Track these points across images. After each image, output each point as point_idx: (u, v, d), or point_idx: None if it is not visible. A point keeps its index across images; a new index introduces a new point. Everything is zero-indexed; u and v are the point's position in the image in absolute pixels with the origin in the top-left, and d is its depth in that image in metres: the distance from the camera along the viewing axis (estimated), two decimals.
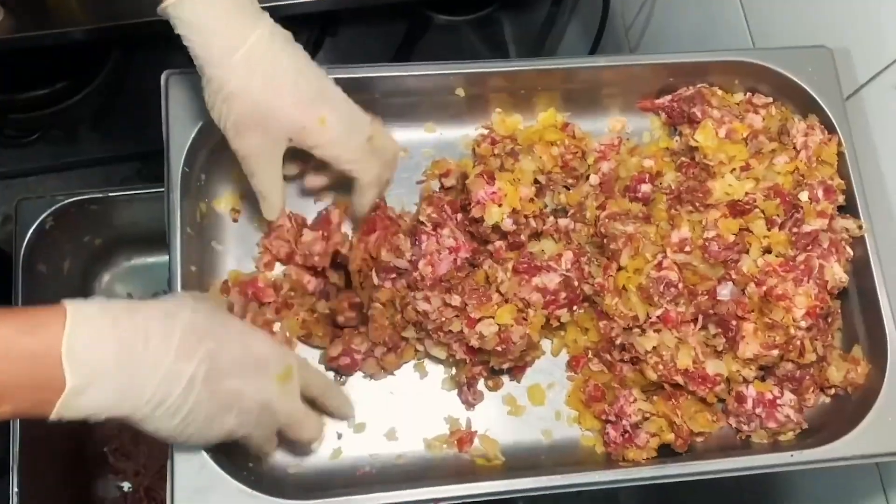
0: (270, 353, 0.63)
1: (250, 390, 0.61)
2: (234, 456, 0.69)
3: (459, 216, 0.76)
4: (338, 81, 0.77)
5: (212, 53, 0.64)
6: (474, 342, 0.71)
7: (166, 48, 0.71)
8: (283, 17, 0.70)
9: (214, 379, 0.59)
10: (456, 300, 0.71)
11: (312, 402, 0.69)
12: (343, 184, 0.75)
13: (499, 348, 0.71)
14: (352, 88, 0.77)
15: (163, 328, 0.57)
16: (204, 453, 0.66)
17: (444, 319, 0.71)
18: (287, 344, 0.74)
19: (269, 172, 0.70)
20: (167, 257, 0.71)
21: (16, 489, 1.00)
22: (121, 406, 0.56)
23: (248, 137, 0.67)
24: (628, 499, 1.62)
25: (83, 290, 1.18)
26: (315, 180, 0.76)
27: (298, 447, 0.72)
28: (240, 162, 0.69)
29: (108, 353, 0.55)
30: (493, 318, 0.71)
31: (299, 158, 0.73)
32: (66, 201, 1.08)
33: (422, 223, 0.74)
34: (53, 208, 1.07)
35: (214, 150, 0.75)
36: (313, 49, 1.61)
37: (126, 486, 1.18)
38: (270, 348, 0.64)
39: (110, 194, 1.10)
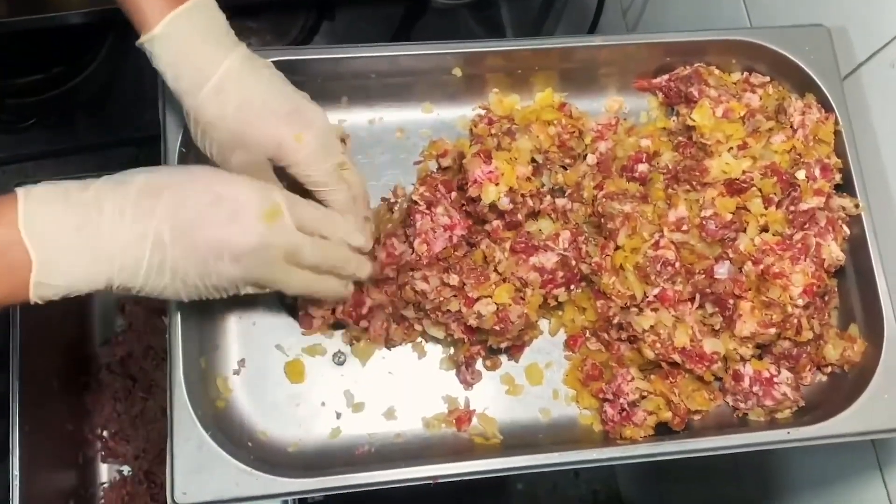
0: (248, 194, 0.61)
1: (234, 235, 0.60)
2: (233, 434, 0.69)
3: (454, 195, 0.76)
4: (335, 61, 0.77)
5: (187, 85, 0.65)
6: (472, 321, 0.71)
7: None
8: (281, 2, 0.70)
9: (185, 233, 0.59)
10: (454, 279, 0.71)
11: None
12: None
13: (497, 328, 0.71)
14: (349, 69, 0.78)
15: (115, 194, 0.57)
16: (203, 432, 0.66)
17: (442, 299, 0.72)
18: None
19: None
20: None
21: (16, 472, 1.00)
22: (95, 277, 0.57)
23: (232, 161, 0.68)
24: (626, 479, 1.63)
25: None
26: None
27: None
28: None
29: (65, 226, 0.55)
30: (491, 297, 0.71)
31: None
32: None
33: (415, 202, 0.74)
34: None
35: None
36: (310, 33, 1.60)
37: (126, 469, 1.18)
38: (248, 189, 0.62)
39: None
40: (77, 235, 0.56)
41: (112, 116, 1.58)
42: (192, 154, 0.75)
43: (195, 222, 0.59)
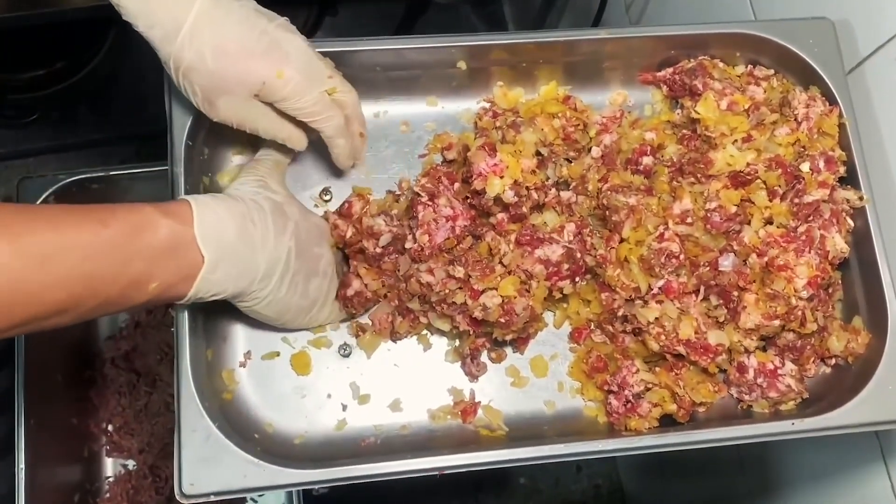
0: (322, 222, 0.76)
1: (326, 252, 0.74)
2: (240, 426, 0.69)
3: (457, 186, 0.76)
4: (340, 55, 0.77)
5: (161, 33, 0.65)
6: (478, 314, 0.72)
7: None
8: None
9: (303, 249, 0.70)
10: (459, 272, 0.72)
11: None
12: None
13: (502, 320, 0.71)
14: (354, 62, 0.78)
15: (259, 211, 0.67)
16: (210, 424, 0.66)
17: (447, 291, 0.72)
18: None
19: (267, 120, 0.71)
20: None
21: (22, 466, 1.01)
22: (241, 281, 0.65)
23: (220, 105, 0.68)
24: (628, 473, 1.63)
25: None
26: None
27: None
28: (238, 129, 0.71)
29: (230, 233, 0.64)
30: (497, 289, 0.72)
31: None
32: (68, 180, 1.08)
33: (418, 194, 0.75)
34: (55, 187, 1.07)
35: (217, 124, 0.75)
36: (312, 29, 1.61)
37: (131, 463, 1.19)
38: (320, 219, 0.76)
39: (112, 173, 1.10)
40: (237, 242, 0.64)
41: (114, 111, 1.59)
42: (198, 148, 0.75)
43: (307, 242, 0.71)
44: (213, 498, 0.66)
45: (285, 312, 0.70)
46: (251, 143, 0.78)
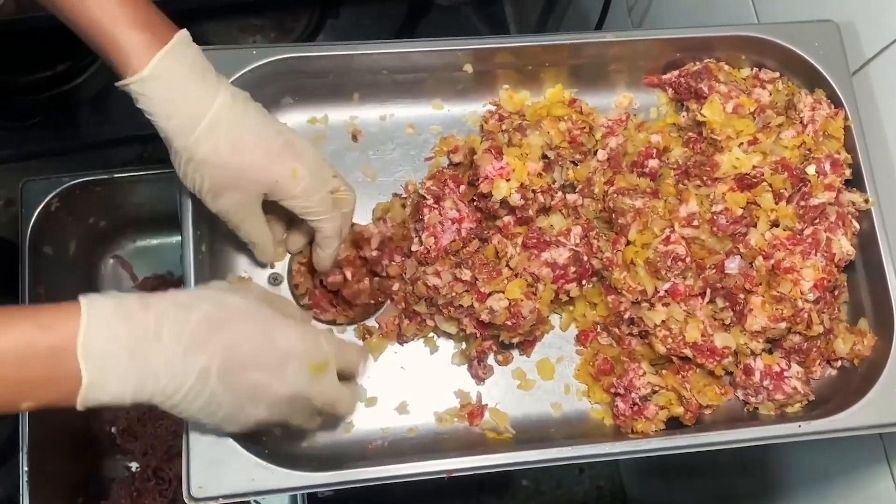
0: (301, 345, 0.63)
1: (277, 383, 0.61)
2: None
3: (463, 188, 0.76)
4: (347, 58, 0.77)
5: (176, 126, 0.65)
6: (485, 317, 0.72)
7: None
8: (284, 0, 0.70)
9: (233, 371, 0.59)
10: (466, 274, 0.72)
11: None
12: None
13: (508, 323, 0.72)
14: (360, 65, 0.78)
15: (175, 322, 0.58)
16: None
17: (454, 294, 0.72)
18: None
19: (254, 223, 0.72)
20: (174, 238, 0.72)
21: (25, 468, 1.00)
22: (138, 395, 0.57)
23: (225, 199, 0.69)
24: (630, 475, 1.63)
25: (89, 271, 1.18)
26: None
27: (333, 422, 0.73)
28: (222, 219, 0.71)
29: (121, 349, 0.56)
30: (503, 292, 0.72)
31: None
32: (72, 182, 1.08)
33: (423, 197, 0.75)
34: (59, 189, 1.07)
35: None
36: (314, 31, 1.61)
37: (134, 466, 1.18)
38: (302, 340, 0.63)
39: (116, 175, 1.10)
40: (131, 362, 0.56)
41: (116, 114, 1.58)
42: None
43: (244, 364, 0.60)
44: (221, 501, 0.66)
45: (207, 424, 0.63)
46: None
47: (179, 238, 0.73)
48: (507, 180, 0.74)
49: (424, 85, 0.82)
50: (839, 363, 0.76)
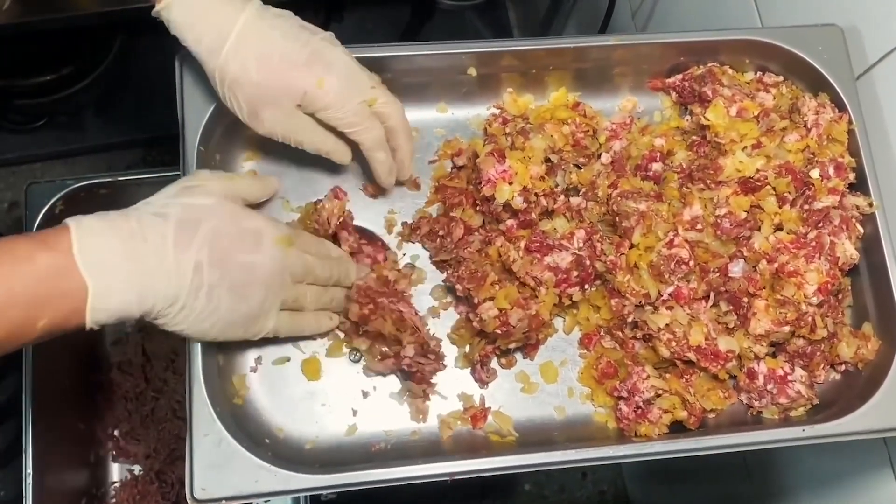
0: (265, 224, 0.67)
1: (259, 258, 0.66)
2: (251, 431, 0.69)
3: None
4: None
5: (206, 48, 0.67)
6: (476, 325, 0.72)
7: (171, 34, 0.72)
8: (287, 3, 0.71)
9: (221, 259, 0.63)
10: (458, 289, 0.73)
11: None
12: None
13: (499, 331, 0.72)
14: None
15: (156, 226, 0.61)
16: (222, 429, 0.67)
17: None
18: None
19: (311, 133, 0.72)
20: None
21: (29, 471, 1.00)
22: (144, 301, 0.60)
23: (265, 117, 0.69)
24: (633, 479, 1.63)
25: None
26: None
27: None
28: (281, 142, 0.71)
29: (115, 254, 0.59)
30: (493, 300, 0.72)
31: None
32: (76, 185, 1.08)
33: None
34: (63, 192, 1.07)
35: (229, 129, 0.75)
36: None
37: (137, 468, 1.19)
38: (263, 221, 0.68)
39: (120, 178, 1.10)
40: (127, 263, 0.59)
41: (121, 117, 1.59)
42: (210, 153, 0.75)
43: (228, 250, 0.64)
44: (224, 503, 0.66)
45: (211, 328, 0.65)
46: (262, 148, 0.78)
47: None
48: (510, 184, 0.74)
49: (428, 88, 0.82)
50: (843, 367, 0.76)
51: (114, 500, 1.17)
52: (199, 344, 0.68)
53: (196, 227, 0.63)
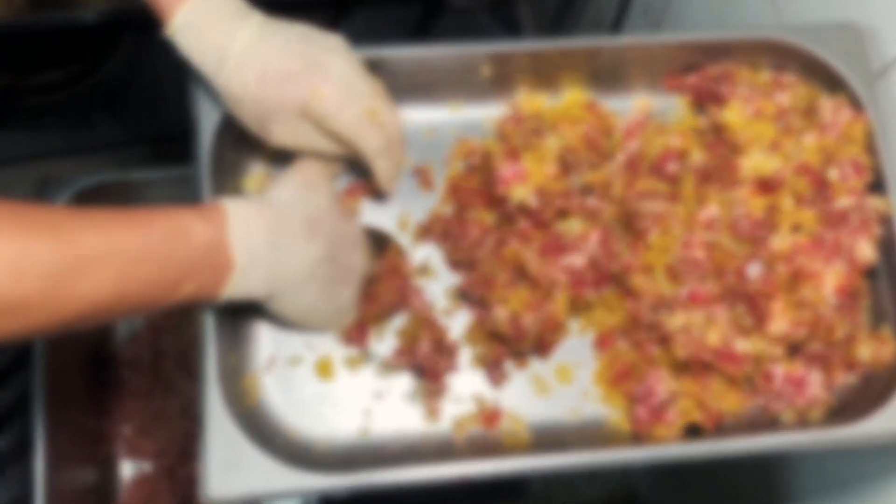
0: (359, 231, 0.74)
1: (357, 262, 0.72)
2: (264, 431, 0.69)
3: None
4: (363, 61, 0.77)
5: (212, 67, 0.68)
6: (489, 327, 0.72)
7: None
8: (297, 3, 0.71)
9: (334, 256, 0.69)
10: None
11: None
12: None
13: (510, 334, 0.71)
14: (376, 68, 0.78)
15: (290, 217, 0.67)
16: (235, 429, 0.66)
17: None
18: None
19: (323, 142, 0.72)
20: None
21: (39, 469, 1.01)
22: (268, 285, 0.66)
23: (274, 131, 0.70)
24: (642, 480, 1.62)
25: None
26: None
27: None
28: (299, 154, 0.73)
29: (260, 239, 0.64)
30: (506, 302, 0.72)
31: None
32: (88, 183, 1.08)
33: None
34: (74, 190, 1.07)
35: (244, 128, 0.75)
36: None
37: (147, 466, 1.19)
38: (357, 227, 0.75)
39: (131, 175, 1.10)
40: (267, 249, 0.65)
41: (131, 114, 1.59)
42: (224, 151, 0.75)
43: (341, 250, 0.71)
44: (237, 502, 0.65)
45: (310, 317, 0.71)
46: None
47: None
48: (524, 184, 0.74)
49: (441, 88, 0.82)
50: (861, 370, 0.75)
51: (124, 498, 1.17)
52: (213, 343, 0.68)
53: (318, 224, 0.68)
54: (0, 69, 1.48)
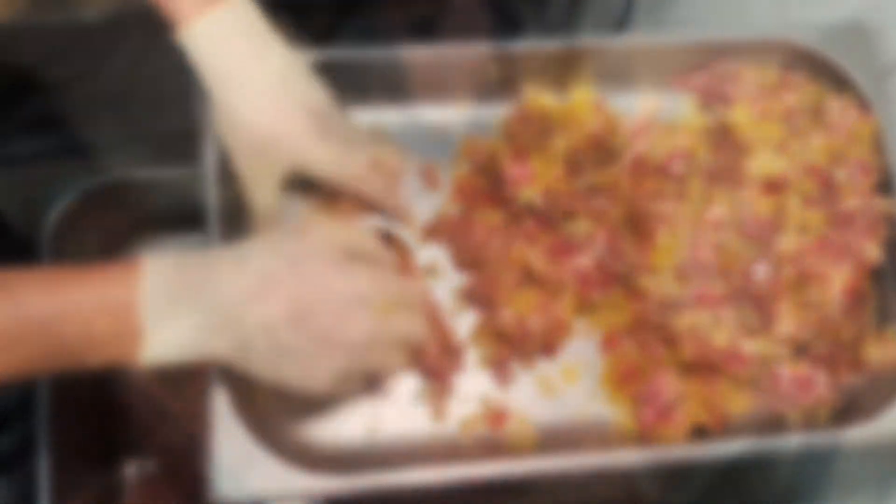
0: (365, 289, 0.62)
1: (348, 326, 0.61)
2: (271, 433, 0.69)
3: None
4: (367, 61, 0.77)
5: (224, 81, 0.67)
6: (495, 328, 0.72)
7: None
8: (297, 3, 0.71)
9: (303, 318, 0.59)
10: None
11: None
12: None
13: (516, 336, 0.71)
14: (381, 67, 0.78)
15: (234, 273, 0.59)
16: (243, 431, 0.66)
17: None
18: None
19: (265, 193, 0.71)
20: (198, 238, 0.72)
21: (44, 468, 1.01)
22: (202, 349, 0.59)
23: (250, 164, 0.69)
24: (647, 482, 1.62)
25: None
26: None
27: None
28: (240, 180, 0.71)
29: (181, 301, 0.57)
30: (511, 303, 0.72)
31: None
32: (92, 183, 1.08)
33: None
34: (79, 190, 1.08)
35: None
36: (329, 32, 1.60)
37: (153, 464, 1.19)
38: (368, 282, 0.62)
39: (136, 175, 1.10)
40: (190, 311, 0.58)
41: (136, 114, 1.58)
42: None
43: (314, 310, 0.60)
44: (245, 503, 0.66)
45: (292, 390, 0.63)
46: None
47: (201, 236, 0.73)
48: (531, 184, 0.74)
49: (447, 87, 0.81)
50: (867, 371, 0.75)
51: (128, 497, 1.17)
52: None
53: (280, 280, 0.59)
54: (0, 69, 1.48)
